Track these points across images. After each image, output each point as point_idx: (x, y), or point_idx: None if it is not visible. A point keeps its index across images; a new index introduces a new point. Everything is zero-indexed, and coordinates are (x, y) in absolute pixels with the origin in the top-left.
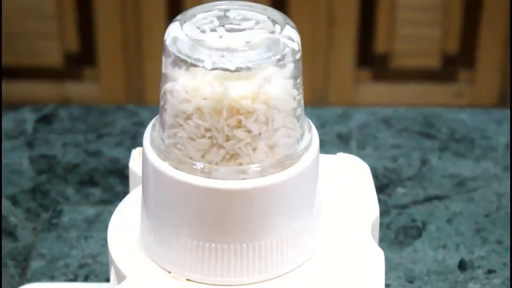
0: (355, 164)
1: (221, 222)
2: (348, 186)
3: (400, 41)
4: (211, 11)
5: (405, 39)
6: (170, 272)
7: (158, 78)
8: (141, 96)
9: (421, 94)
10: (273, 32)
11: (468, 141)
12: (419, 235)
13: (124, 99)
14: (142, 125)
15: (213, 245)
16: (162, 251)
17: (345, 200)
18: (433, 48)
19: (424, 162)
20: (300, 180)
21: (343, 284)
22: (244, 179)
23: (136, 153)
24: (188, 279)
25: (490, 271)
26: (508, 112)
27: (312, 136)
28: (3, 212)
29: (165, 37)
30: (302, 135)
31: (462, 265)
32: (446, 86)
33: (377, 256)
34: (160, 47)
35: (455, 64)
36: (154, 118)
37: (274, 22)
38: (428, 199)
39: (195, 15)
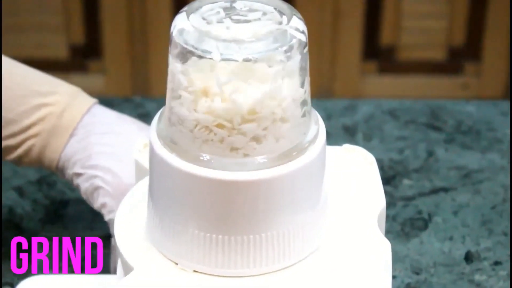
0: (361, 155)
1: (228, 214)
2: (354, 177)
3: (406, 33)
4: (217, 2)
5: (411, 32)
6: (177, 264)
7: (164, 69)
8: (147, 88)
9: (427, 86)
10: (280, 23)
11: (474, 133)
12: (425, 227)
13: (130, 91)
14: (148, 116)
15: (219, 236)
16: (169, 242)
17: (352, 191)
18: (439, 41)
19: (430, 154)
20: (306, 171)
21: (350, 275)
22: (250, 170)
23: (140, 144)
24: (195, 271)
25: (496, 263)
26: None
27: (319, 128)
28: (10, 203)
29: (172, 28)
30: (308, 127)
31: (468, 257)
32: (452, 78)
33: (384, 247)
34: (166, 39)
35: (461, 56)
36: (160, 110)
37: (281, 13)
38: (434, 191)
39: (201, 6)
